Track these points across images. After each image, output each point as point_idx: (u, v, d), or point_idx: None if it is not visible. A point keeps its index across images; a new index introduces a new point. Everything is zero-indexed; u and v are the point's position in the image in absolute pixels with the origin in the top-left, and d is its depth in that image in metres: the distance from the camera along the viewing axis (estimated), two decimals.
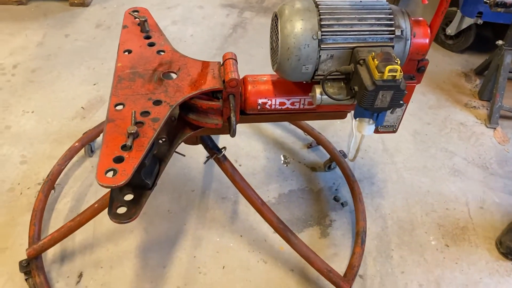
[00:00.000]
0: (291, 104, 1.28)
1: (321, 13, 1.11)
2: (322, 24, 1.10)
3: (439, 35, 2.79)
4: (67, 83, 2.37)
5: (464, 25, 2.62)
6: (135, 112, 1.10)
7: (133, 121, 1.08)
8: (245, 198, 1.51)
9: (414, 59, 1.23)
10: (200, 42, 2.77)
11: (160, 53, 1.34)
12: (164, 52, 1.34)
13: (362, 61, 1.09)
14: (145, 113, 1.12)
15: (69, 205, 1.78)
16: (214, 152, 1.45)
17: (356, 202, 1.80)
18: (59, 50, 2.60)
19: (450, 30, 2.69)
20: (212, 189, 1.88)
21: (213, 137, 1.49)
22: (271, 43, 1.23)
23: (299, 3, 1.13)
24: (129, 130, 1.03)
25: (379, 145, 2.13)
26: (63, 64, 2.49)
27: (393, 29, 1.13)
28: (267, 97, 1.26)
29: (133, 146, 1.02)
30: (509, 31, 2.29)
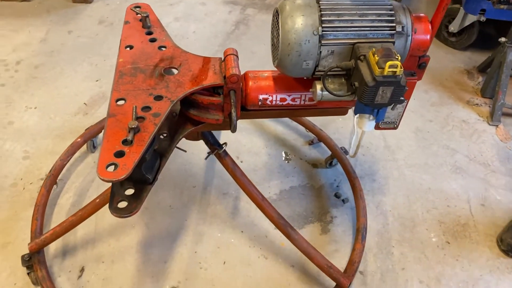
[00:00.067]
0: (292, 100, 1.29)
1: (322, 8, 1.11)
2: (322, 19, 1.10)
3: (442, 32, 2.79)
4: (70, 79, 2.37)
5: (467, 22, 2.60)
6: (136, 107, 1.11)
7: (134, 116, 1.08)
8: (245, 193, 1.52)
9: (415, 55, 1.23)
10: (202, 39, 2.77)
11: (161, 49, 1.34)
12: (165, 47, 1.35)
13: (362, 57, 1.09)
14: (146, 108, 1.12)
15: (71, 200, 1.79)
16: (215, 147, 1.46)
17: (357, 198, 1.81)
18: (62, 46, 2.61)
19: (453, 27, 2.68)
20: (213, 185, 1.88)
21: (215, 133, 1.49)
22: (272, 39, 1.23)
23: None
24: (130, 125, 1.04)
25: (380, 142, 2.13)
26: (66, 60, 2.50)
27: (394, 25, 1.13)
28: (268, 93, 1.26)
29: (134, 140, 1.03)
30: None
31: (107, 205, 1.13)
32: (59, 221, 1.54)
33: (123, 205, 1.12)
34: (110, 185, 1.20)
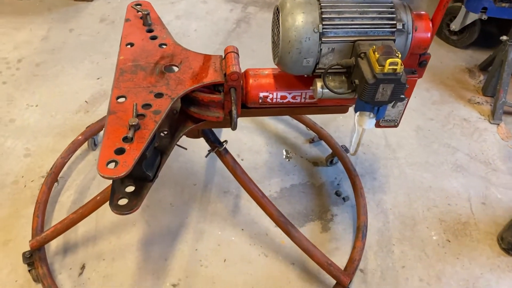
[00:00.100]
0: (292, 97, 1.29)
1: (322, 6, 1.11)
2: (323, 17, 1.10)
3: (443, 30, 2.78)
4: (71, 77, 2.38)
5: (468, 21, 2.60)
6: (137, 104, 1.11)
7: (135, 113, 1.08)
8: (245, 191, 1.52)
9: (415, 53, 1.23)
10: (203, 37, 2.77)
11: (162, 46, 1.34)
12: (166, 45, 1.35)
13: (363, 55, 1.09)
14: (147, 106, 1.13)
15: (72, 197, 1.79)
16: (215, 145, 1.46)
17: (357, 196, 1.81)
18: (63, 44, 2.61)
19: (454, 25, 2.67)
20: (214, 183, 1.88)
21: (215, 131, 1.49)
22: (272, 36, 1.23)
23: None
24: (130, 122, 1.04)
25: (381, 141, 2.13)
26: (67, 58, 2.50)
27: (395, 22, 1.13)
28: (268, 91, 1.26)
29: (134, 138, 1.03)
30: None
31: (108, 202, 1.13)
32: (60, 219, 1.54)
33: (123, 202, 1.12)
34: (111, 182, 1.20)
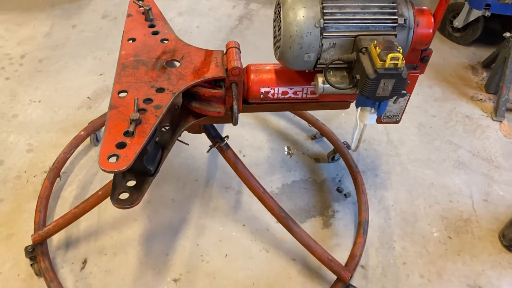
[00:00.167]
0: (294, 93, 1.29)
1: (323, 1, 1.11)
2: (324, 12, 1.10)
3: (447, 27, 2.77)
4: (74, 73, 2.38)
5: (471, 18, 2.59)
6: (138, 99, 1.11)
7: (136, 108, 1.09)
8: (246, 186, 1.52)
9: (417, 49, 1.23)
10: (206, 33, 2.77)
11: (163, 42, 1.34)
12: (167, 40, 1.35)
13: (364, 50, 1.08)
14: (148, 100, 1.13)
15: (74, 193, 1.80)
16: (216, 140, 1.46)
17: (359, 193, 1.81)
18: (66, 40, 2.62)
19: (457, 22, 2.66)
20: (215, 179, 1.89)
21: (217, 127, 1.49)
22: (274, 31, 1.23)
23: None
24: (131, 116, 1.04)
25: (383, 137, 2.13)
26: (70, 54, 2.51)
27: (396, 17, 1.13)
28: (269, 86, 1.26)
29: (135, 132, 1.04)
30: None
31: (110, 197, 1.14)
32: (62, 214, 1.55)
33: (124, 196, 1.13)
34: (112, 177, 1.21)
